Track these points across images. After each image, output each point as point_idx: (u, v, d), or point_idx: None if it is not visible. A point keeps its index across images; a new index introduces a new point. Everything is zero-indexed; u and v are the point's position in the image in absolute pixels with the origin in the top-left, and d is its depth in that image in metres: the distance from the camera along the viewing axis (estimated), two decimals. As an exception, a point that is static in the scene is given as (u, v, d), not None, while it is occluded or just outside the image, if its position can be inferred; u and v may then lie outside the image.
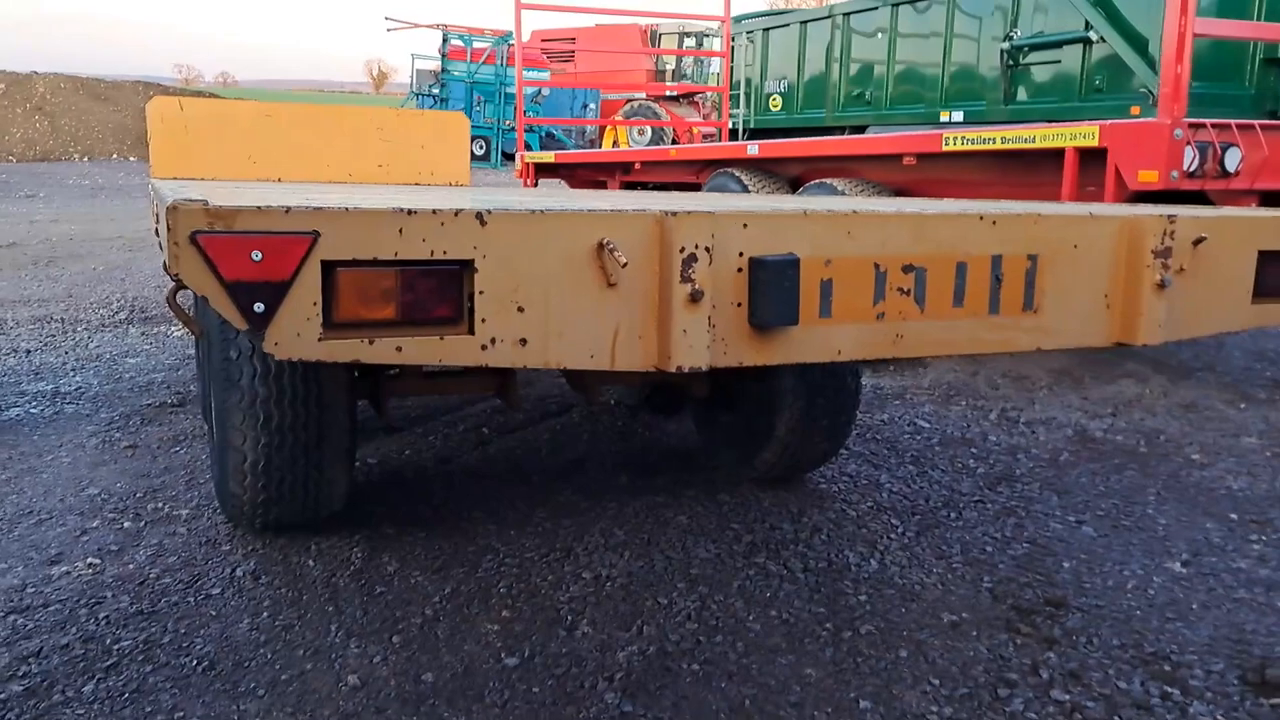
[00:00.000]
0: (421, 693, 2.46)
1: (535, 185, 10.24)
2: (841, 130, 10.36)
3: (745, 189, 6.91)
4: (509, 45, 26.01)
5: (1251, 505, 3.85)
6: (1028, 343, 2.22)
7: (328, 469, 3.10)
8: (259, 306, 1.58)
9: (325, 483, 3.12)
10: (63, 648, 2.59)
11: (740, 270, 1.93)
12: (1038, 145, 4.62)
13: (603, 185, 9.86)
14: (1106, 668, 2.65)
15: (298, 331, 1.61)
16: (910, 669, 2.63)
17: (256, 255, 1.55)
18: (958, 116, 9.04)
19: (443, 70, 28.87)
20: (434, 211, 1.66)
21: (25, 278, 8.73)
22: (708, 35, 27.86)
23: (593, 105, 29.19)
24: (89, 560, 3.11)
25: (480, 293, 1.74)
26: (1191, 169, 4.11)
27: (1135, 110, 6.77)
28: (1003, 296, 2.16)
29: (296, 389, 2.96)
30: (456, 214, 1.67)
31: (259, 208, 1.54)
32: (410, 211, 1.64)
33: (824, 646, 2.73)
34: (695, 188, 8.08)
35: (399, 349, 1.68)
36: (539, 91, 27.41)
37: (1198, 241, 2.26)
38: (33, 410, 4.69)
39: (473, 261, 1.72)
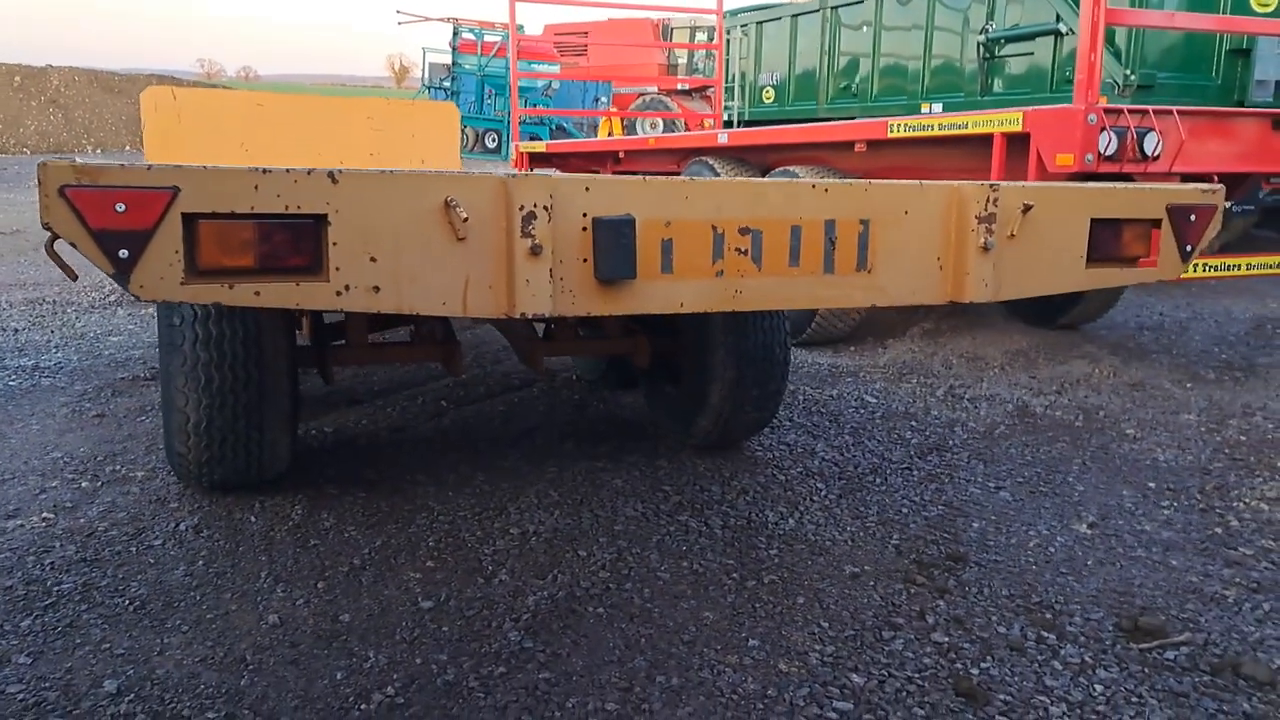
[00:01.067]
0: (336, 630, 2.63)
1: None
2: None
3: (717, 176, 7.06)
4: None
5: (1172, 475, 3.97)
6: (863, 299, 2.38)
7: (268, 432, 3.27)
8: (123, 253, 1.76)
9: (267, 445, 3.29)
10: (6, 589, 2.77)
11: (585, 229, 2.10)
12: (970, 131, 4.76)
13: (596, 174, 10.00)
14: (990, 615, 2.80)
15: (161, 276, 1.79)
16: (804, 613, 2.78)
17: (120, 207, 1.73)
18: (938, 109, 9.13)
19: (453, 64, 29.02)
20: (287, 171, 1.83)
21: (24, 263, 8.96)
22: (719, 29, 27.84)
23: (604, 98, 29.27)
24: (43, 515, 3.29)
25: (334, 244, 1.91)
26: (1109, 153, 4.25)
27: (1102, 100, 6.87)
28: (837, 257, 2.32)
29: (237, 354, 3.13)
30: (309, 173, 1.84)
31: (123, 165, 1.72)
32: (265, 170, 1.81)
33: (727, 593, 2.89)
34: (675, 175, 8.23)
35: (257, 293, 1.85)
36: (549, 85, 27.53)
37: (1026, 209, 2.40)
38: (11, 383, 4.89)
39: (326, 216, 1.89)
